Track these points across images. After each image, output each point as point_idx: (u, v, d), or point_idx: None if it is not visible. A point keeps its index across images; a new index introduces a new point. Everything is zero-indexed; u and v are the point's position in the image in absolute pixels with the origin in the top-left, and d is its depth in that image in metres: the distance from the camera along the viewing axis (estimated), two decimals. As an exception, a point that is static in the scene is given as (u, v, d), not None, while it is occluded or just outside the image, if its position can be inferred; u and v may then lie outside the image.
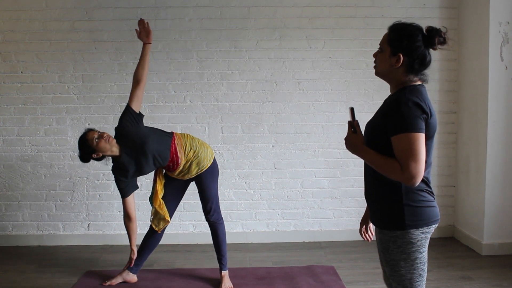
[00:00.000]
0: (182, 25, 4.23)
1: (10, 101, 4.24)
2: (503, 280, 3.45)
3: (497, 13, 3.81)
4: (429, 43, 1.82)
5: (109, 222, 4.34)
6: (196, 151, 3.21)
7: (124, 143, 3.11)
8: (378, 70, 1.91)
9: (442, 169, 4.43)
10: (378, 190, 1.90)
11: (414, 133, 1.71)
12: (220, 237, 3.35)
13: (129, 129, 3.12)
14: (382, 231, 1.91)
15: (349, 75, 4.30)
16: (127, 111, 3.14)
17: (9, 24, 4.19)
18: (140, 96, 3.16)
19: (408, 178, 1.71)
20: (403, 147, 1.72)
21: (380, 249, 1.96)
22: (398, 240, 1.85)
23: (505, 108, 3.88)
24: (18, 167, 4.28)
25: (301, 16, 4.26)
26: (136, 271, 3.44)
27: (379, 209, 1.91)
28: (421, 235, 1.84)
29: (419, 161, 1.70)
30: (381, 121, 1.83)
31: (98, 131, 3.13)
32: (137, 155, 3.10)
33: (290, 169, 4.35)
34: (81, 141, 3.11)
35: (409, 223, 1.82)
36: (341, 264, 3.80)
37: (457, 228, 4.40)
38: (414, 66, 1.82)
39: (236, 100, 4.29)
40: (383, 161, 1.77)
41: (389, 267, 1.91)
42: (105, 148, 3.06)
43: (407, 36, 1.81)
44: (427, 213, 1.84)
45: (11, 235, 4.31)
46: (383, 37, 1.89)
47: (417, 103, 1.74)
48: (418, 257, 1.86)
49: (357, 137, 1.85)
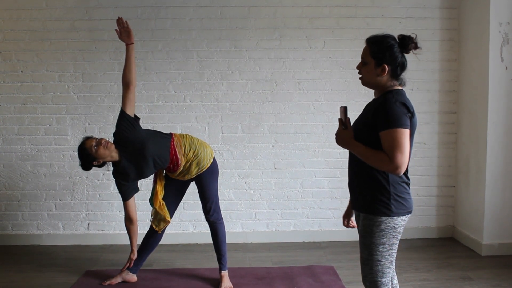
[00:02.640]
0: (182, 24, 4.23)
1: (10, 101, 4.24)
2: (503, 280, 3.44)
3: (497, 13, 3.81)
4: (404, 49, 2.07)
5: (109, 221, 4.34)
6: (195, 151, 3.21)
7: (123, 148, 3.10)
8: (365, 80, 2.14)
9: (442, 169, 4.43)
10: (366, 180, 2.10)
11: (401, 128, 1.95)
12: (220, 237, 3.34)
13: (126, 134, 3.09)
14: (367, 216, 2.10)
15: (349, 75, 4.30)
16: (123, 116, 3.08)
17: (9, 23, 4.19)
18: (132, 99, 3.11)
19: (394, 167, 1.94)
20: (391, 140, 1.95)
21: (362, 235, 2.15)
22: (382, 225, 2.06)
23: (505, 109, 3.88)
24: (18, 166, 4.28)
25: (302, 16, 4.26)
26: (136, 271, 3.44)
27: (367, 197, 2.10)
28: (401, 222, 2.08)
29: (405, 152, 1.94)
30: (370, 119, 2.04)
31: (96, 138, 3.11)
32: (137, 159, 3.10)
33: (290, 169, 4.35)
34: (80, 150, 3.09)
35: (395, 210, 2.05)
36: (341, 264, 3.80)
37: (457, 229, 4.40)
38: (397, 72, 2.08)
39: (236, 100, 4.29)
40: (372, 153, 2.00)
41: (367, 250, 2.11)
42: (104, 154, 3.05)
43: (387, 48, 2.06)
44: (408, 203, 2.10)
45: (11, 235, 4.31)
46: (363, 51, 2.12)
47: (403, 103, 2.00)
48: (395, 243, 2.10)
49: (347, 132, 2.10)
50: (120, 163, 3.12)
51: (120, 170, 3.14)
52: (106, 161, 3.12)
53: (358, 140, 2.08)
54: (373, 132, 2.03)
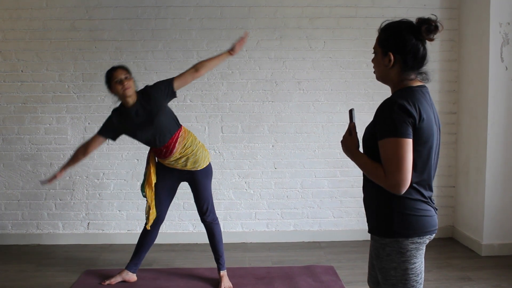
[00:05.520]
0: (183, 24, 4.23)
1: (10, 100, 4.24)
2: (502, 280, 3.44)
3: (497, 13, 3.81)
4: (418, 34, 1.71)
5: (109, 221, 4.34)
6: (195, 150, 3.21)
7: (143, 102, 3.09)
8: (377, 74, 1.85)
9: (442, 170, 4.42)
10: (371, 195, 1.84)
11: (398, 138, 1.63)
12: (217, 238, 3.35)
13: (156, 94, 3.09)
14: (373, 237, 1.85)
15: (349, 75, 4.30)
16: (168, 82, 3.11)
17: (9, 22, 4.19)
18: (187, 81, 3.14)
19: (391, 185, 1.65)
20: (387, 153, 1.65)
21: (371, 255, 1.89)
22: (387, 248, 1.76)
23: (505, 109, 3.88)
24: (18, 165, 4.28)
25: (302, 16, 4.26)
26: (135, 270, 3.44)
27: (371, 214, 1.85)
28: (411, 245, 1.73)
29: (402, 168, 1.62)
30: (372, 124, 1.78)
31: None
32: (144, 119, 3.08)
33: (290, 169, 4.35)
34: (112, 70, 3.10)
35: (398, 230, 1.73)
36: (341, 264, 3.80)
37: (457, 229, 4.40)
38: (408, 62, 1.73)
39: (236, 99, 4.29)
40: (370, 166, 1.73)
41: (380, 274, 1.82)
42: (128, 86, 3.01)
43: (393, 33, 1.74)
44: (419, 223, 1.73)
45: (10, 234, 4.31)
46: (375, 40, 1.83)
47: (403, 106, 1.64)
48: (409, 268, 1.75)
49: (352, 140, 1.82)
50: (129, 107, 3.09)
51: (123, 113, 3.12)
52: (120, 94, 3.05)
53: (366, 149, 1.79)
54: (374, 140, 1.73)
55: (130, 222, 4.33)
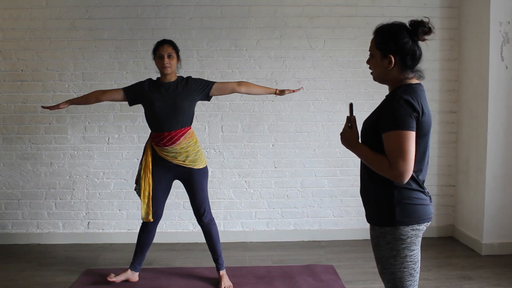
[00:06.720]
0: (183, 23, 4.23)
1: (10, 99, 4.24)
2: (502, 279, 3.45)
3: (497, 12, 3.81)
4: (415, 36, 1.84)
5: (109, 220, 4.34)
6: (196, 150, 3.24)
7: (179, 85, 3.22)
8: (374, 75, 1.96)
9: (442, 169, 4.43)
10: (371, 186, 1.93)
11: (403, 130, 1.75)
12: (215, 238, 3.35)
13: (193, 85, 3.23)
14: (373, 227, 1.94)
15: (349, 74, 4.30)
16: (209, 82, 3.29)
17: (9, 22, 4.19)
18: (226, 91, 3.32)
19: (395, 175, 1.76)
20: (392, 145, 1.76)
21: (372, 246, 1.98)
22: (387, 236, 1.86)
23: (505, 108, 3.88)
24: (18, 165, 4.28)
25: (302, 15, 4.26)
26: (139, 269, 3.43)
27: (371, 205, 1.95)
28: (411, 231, 1.85)
29: (408, 159, 1.74)
30: (374, 118, 1.88)
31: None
32: (170, 97, 3.17)
33: (290, 168, 4.35)
34: (159, 43, 3.24)
35: (399, 219, 1.84)
36: (341, 263, 3.80)
37: (457, 228, 4.40)
38: (407, 63, 1.85)
39: (236, 99, 4.28)
40: (373, 157, 1.83)
41: (379, 264, 1.93)
42: (170, 64, 3.18)
43: (392, 36, 1.85)
44: (418, 211, 1.86)
45: (11, 233, 4.31)
46: (370, 43, 1.93)
47: (408, 101, 1.77)
48: (408, 255, 1.86)
49: (352, 132, 1.92)
50: (165, 82, 3.21)
51: (156, 83, 3.24)
52: (159, 69, 3.21)
53: (365, 141, 1.91)
54: (378, 134, 1.84)
55: (130, 221, 4.33)
